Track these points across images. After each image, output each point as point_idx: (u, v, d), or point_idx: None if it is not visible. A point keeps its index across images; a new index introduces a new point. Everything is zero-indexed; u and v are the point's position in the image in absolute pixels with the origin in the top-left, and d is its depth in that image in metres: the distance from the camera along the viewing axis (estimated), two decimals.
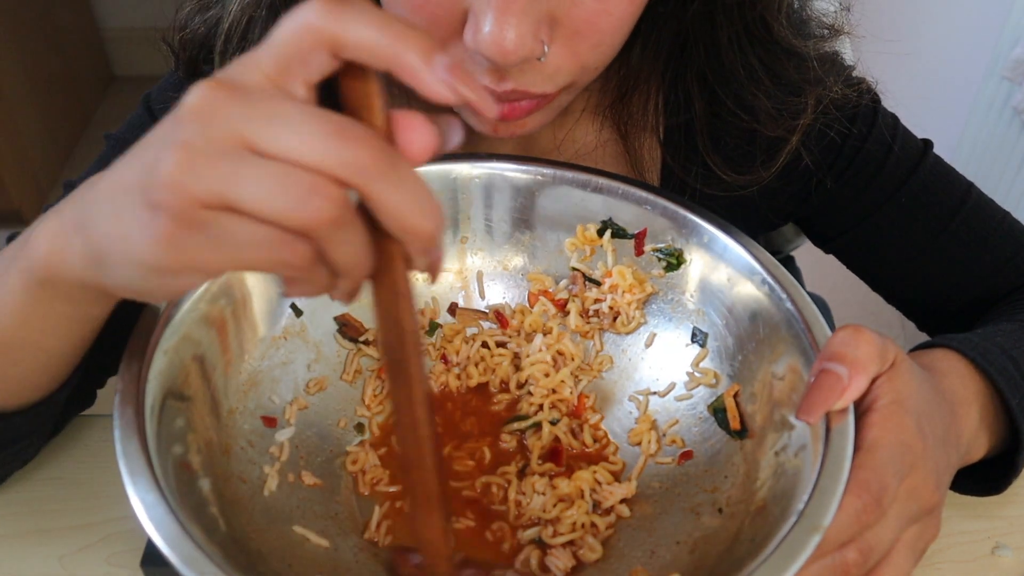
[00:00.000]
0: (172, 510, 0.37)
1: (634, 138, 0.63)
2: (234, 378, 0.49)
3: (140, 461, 0.39)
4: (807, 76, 0.58)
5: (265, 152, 0.30)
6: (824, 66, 0.59)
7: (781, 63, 0.57)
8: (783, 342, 0.47)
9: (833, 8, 0.61)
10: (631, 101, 0.62)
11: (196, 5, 0.60)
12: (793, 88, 0.58)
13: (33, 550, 0.54)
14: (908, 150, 0.65)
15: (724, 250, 0.51)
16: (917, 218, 0.65)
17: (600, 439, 0.52)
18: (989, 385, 0.52)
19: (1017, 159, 1.53)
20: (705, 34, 0.56)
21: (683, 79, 0.59)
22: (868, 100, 0.64)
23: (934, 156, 0.66)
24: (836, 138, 0.62)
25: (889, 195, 0.64)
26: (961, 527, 0.56)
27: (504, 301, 0.57)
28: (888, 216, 0.65)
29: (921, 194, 0.65)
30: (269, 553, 0.43)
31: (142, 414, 0.40)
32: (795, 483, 0.41)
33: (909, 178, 0.64)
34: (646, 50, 0.58)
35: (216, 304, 0.48)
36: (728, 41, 0.55)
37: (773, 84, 0.57)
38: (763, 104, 0.58)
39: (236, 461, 0.46)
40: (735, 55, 0.56)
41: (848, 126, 0.63)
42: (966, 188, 0.66)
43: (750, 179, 0.61)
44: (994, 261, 0.65)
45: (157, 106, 0.65)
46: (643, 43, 0.58)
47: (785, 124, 0.59)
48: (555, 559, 0.46)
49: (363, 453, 0.51)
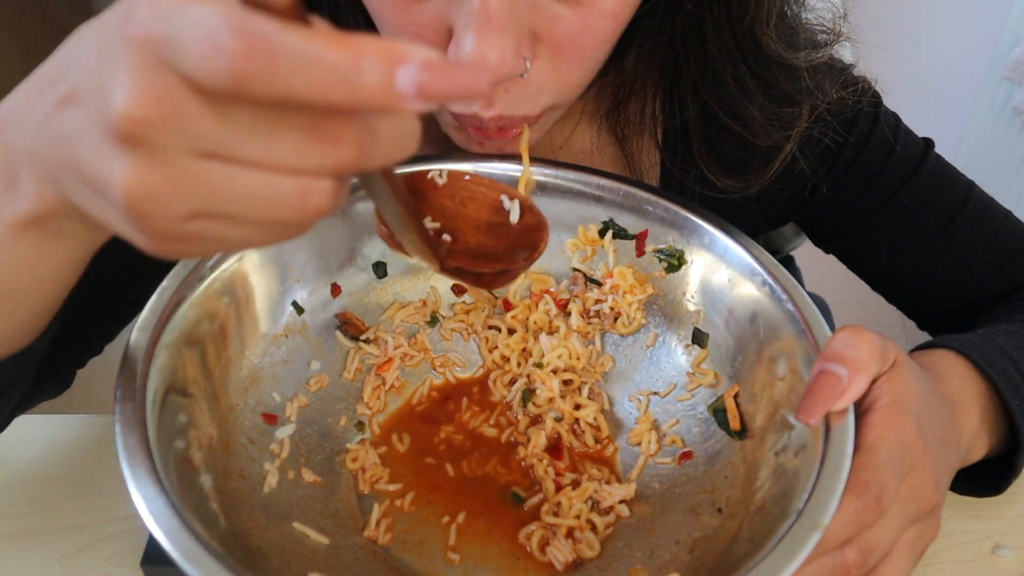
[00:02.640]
0: (173, 504, 0.37)
1: (632, 142, 0.63)
2: (235, 374, 0.49)
3: (140, 456, 0.38)
4: (799, 87, 0.58)
5: (242, 163, 0.27)
6: (817, 76, 0.59)
7: (772, 75, 0.57)
8: (783, 343, 0.47)
9: (830, 15, 0.61)
10: (628, 107, 0.62)
11: None
12: (785, 99, 0.58)
13: (33, 550, 0.54)
14: (910, 150, 0.65)
15: (725, 251, 0.51)
16: (918, 218, 0.65)
17: (602, 440, 0.52)
18: (989, 386, 0.52)
19: (1017, 159, 1.53)
20: (694, 46, 0.55)
21: (678, 85, 0.59)
22: (869, 100, 0.64)
23: (935, 155, 0.66)
24: (831, 145, 0.62)
25: (891, 195, 0.64)
26: (961, 527, 0.56)
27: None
28: (890, 216, 0.65)
29: (923, 194, 0.64)
30: (268, 549, 0.43)
31: (143, 409, 0.40)
32: (795, 483, 0.41)
33: (911, 178, 0.64)
34: (640, 58, 0.58)
35: (219, 301, 0.48)
36: (718, 52, 0.55)
37: (764, 96, 0.57)
38: (755, 115, 0.58)
39: (236, 457, 0.46)
40: (725, 67, 0.56)
41: (845, 132, 0.62)
42: (967, 187, 0.66)
43: (746, 185, 0.61)
44: (995, 260, 0.65)
45: None
46: (637, 51, 0.58)
47: (778, 134, 0.59)
48: (556, 550, 0.47)
49: (363, 451, 0.51)
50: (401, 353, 0.55)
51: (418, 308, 0.56)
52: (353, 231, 0.54)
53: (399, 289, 0.56)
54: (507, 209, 0.48)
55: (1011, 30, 1.49)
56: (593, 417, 0.53)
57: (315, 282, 0.53)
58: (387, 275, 0.56)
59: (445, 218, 0.48)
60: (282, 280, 0.52)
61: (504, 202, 0.49)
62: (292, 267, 0.52)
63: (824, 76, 0.59)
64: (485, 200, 0.49)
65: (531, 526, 0.48)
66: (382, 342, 0.55)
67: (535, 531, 0.48)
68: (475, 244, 0.47)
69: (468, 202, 0.49)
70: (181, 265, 0.47)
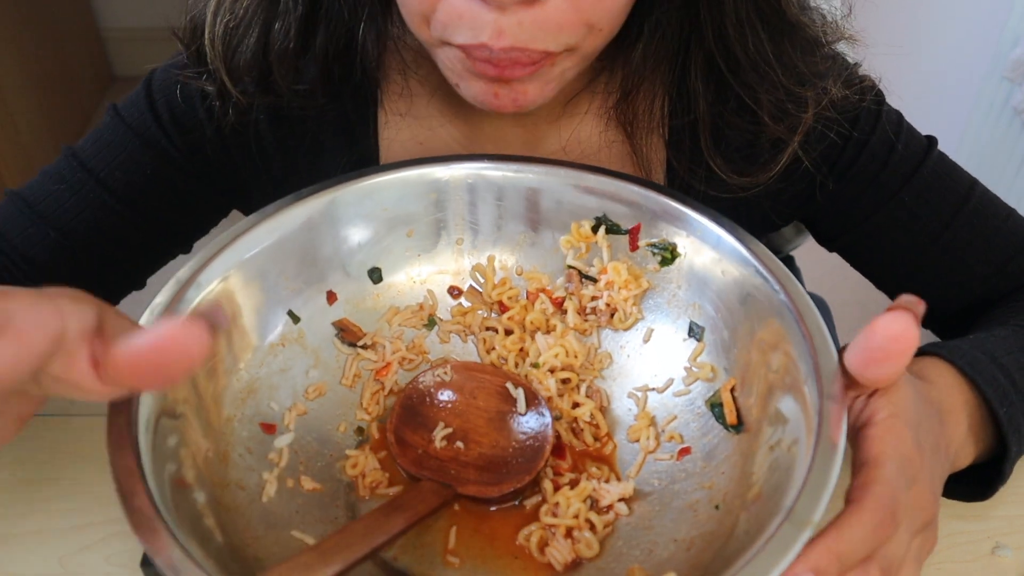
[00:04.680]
0: (169, 528, 0.37)
1: (639, 138, 0.63)
2: (230, 387, 0.49)
3: (136, 483, 0.39)
4: (814, 67, 0.57)
5: None
6: (827, 62, 0.59)
7: (790, 41, 0.56)
8: (777, 334, 0.47)
9: (831, 17, 0.61)
10: (636, 100, 0.62)
11: None
12: (799, 78, 0.58)
13: (33, 550, 0.54)
14: (912, 147, 0.65)
15: (718, 242, 0.51)
16: (921, 216, 0.65)
17: (601, 438, 0.52)
18: (977, 395, 0.52)
19: (1017, 159, 1.53)
20: (715, 13, 0.54)
21: (688, 77, 0.59)
22: (872, 98, 0.63)
23: (938, 153, 0.66)
24: (837, 140, 0.62)
25: (893, 193, 0.64)
26: (961, 527, 0.56)
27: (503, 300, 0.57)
28: (892, 214, 0.65)
29: (925, 191, 0.64)
30: (266, 559, 0.43)
31: (135, 430, 0.40)
32: (788, 477, 0.41)
33: (913, 176, 0.64)
34: (649, 48, 0.58)
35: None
36: (737, 20, 0.54)
37: (781, 68, 0.57)
38: (768, 96, 0.57)
39: (235, 468, 0.47)
40: (745, 33, 0.55)
41: (849, 128, 0.62)
42: (970, 185, 0.66)
43: (752, 180, 0.61)
44: (997, 259, 0.65)
45: (157, 85, 0.65)
46: (646, 42, 0.58)
47: (787, 122, 0.58)
48: (555, 551, 0.47)
49: (362, 457, 0.51)
50: (399, 357, 0.55)
51: (415, 312, 0.56)
52: (345, 238, 0.54)
53: (395, 294, 0.56)
54: (513, 396, 0.52)
55: (1011, 30, 1.49)
56: (590, 415, 0.53)
57: (310, 290, 0.54)
58: (383, 280, 0.56)
59: (456, 415, 0.52)
60: (274, 291, 0.52)
61: (509, 389, 0.53)
62: (286, 276, 0.52)
63: (832, 65, 0.59)
64: (492, 388, 0.53)
65: (530, 527, 0.48)
66: (380, 347, 0.55)
67: (534, 532, 0.48)
68: (488, 444, 0.51)
69: (478, 393, 0.53)
70: (174, 281, 0.47)
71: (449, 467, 0.49)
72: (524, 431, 0.51)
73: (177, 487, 0.41)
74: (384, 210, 0.55)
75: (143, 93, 0.65)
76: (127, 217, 0.65)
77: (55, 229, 0.64)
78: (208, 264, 0.48)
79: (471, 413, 0.52)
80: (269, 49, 0.57)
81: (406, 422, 0.51)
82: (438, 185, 0.55)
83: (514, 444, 0.51)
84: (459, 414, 0.52)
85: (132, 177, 0.64)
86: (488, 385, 0.53)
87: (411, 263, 0.57)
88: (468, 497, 0.49)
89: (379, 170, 0.55)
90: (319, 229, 0.53)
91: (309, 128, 0.64)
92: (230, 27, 0.57)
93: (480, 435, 0.51)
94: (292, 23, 0.56)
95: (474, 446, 0.51)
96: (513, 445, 0.51)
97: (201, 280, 0.48)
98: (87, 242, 0.64)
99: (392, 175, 0.54)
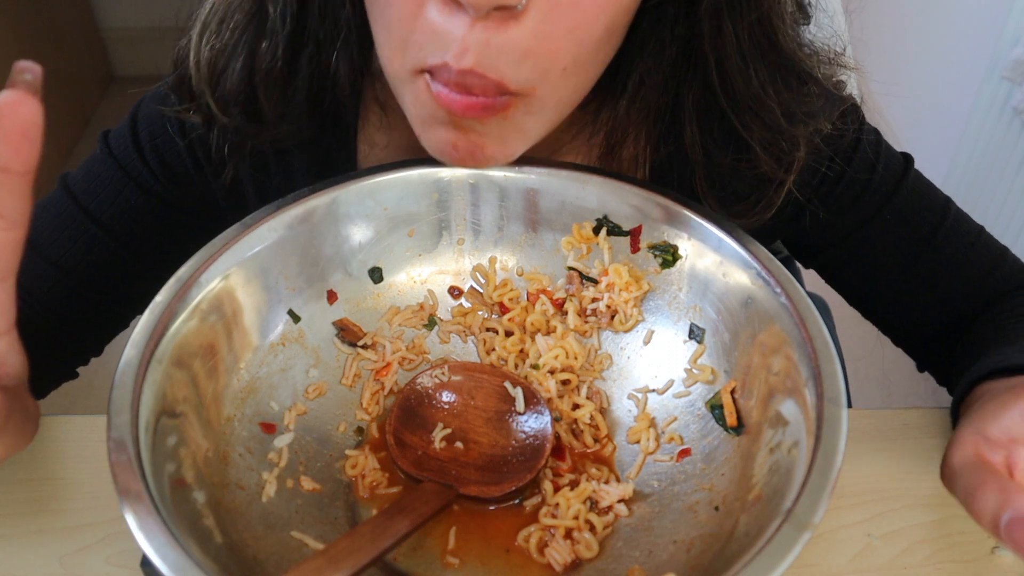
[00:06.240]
0: (168, 528, 0.37)
1: None
2: (231, 386, 0.49)
3: (135, 482, 0.39)
4: (807, 106, 0.57)
5: None
6: (820, 100, 0.58)
7: (782, 77, 0.55)
8: (778, 337, 0.47)
9: (828, 45, 0.60)
10: (620, 153, 0.61)
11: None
12: (791, 117, 0.57)
13: (33, 550, 0.54)
14: (891, 168, 0.65)
15: (719, 245, 0.51)
16: (901, 234, 0.65)
17: (601, 439, 0.53)
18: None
19: (1017, 159, 1.53)
20: (718, 47, 0.53)
21: (677, 124, 0.58)
22: (854, 127, 0.63)
23: (915, 172, 0.66)
24: (815, 165, 0.62)
25: (873, 213, 0.64)
26: (961, 527, 0.56)
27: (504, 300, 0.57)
28: (872, 234, 0.65)
29: (904, 211, 0.65)
30: (266, 559, 0.43)
31: (135, 430, 0.40)
32: (788, 480, 0.41)
33: (893, 195, 0.64)
34: (634, 102, 0.57)
35: (206, 321, 0.48)
36: (740, 54, 0.53)
37: (777, 106, 0.56)
38: (762, 135, 0.56)
39: (234, 468, 0.47)
40: (748, 68, 0.54)
41: (832, 153, 0.62)
42: (945, 203, 0.66)
43: (747, 223, 0.59)
44: (975, 276, 0.65)
45: (142, 115, 0.65)
46: (631, 96, 0.56)
47: (783, 161, 0.57)
48: (555, 552, 0.47)
49: (362, 456, 0.51)
50: (399, 357, 0.55)
51: (415, 312, 0.56)
52: (346, 238, 0.54)
53: (396, 294, 0.56)
54: (512, 395, 0.52)
55: (1011, 30, 1.49)
56: (590, 416, 0.53)
57: (311, 290, 0.54)
58: (383, 280, 0.56)
59: (455, 415, 0.52)
60: (275, 291, 0.52)
61: (508, 389, 0.53)
62: (286, 276, 0.52)
63: (823, 105, 0.58)
64: (490, 387, 0.53)
65: (529, 528, 0.48)
66: (380, 347, 0.55)
67: (533, 533, 0.48)
68: (488, 444, 0.51)
69: (476, 393, 0.53)
70: (174, 280, 0.47)
71: (450, 468, 0.49)
72: (524, 430, 0.51)
73: (177, 487, 0.41)
74: (385, 210, 0.55)
75: (128, 125, 0.65)
76: (115, 249, 0.64)
77: (50, 263, 0.63)
78: (209, 263, 0.48)
79: (469, 413, 0.52)
80: (255, 71, 0.56)
81: (405, 424, 0.51)
82: (440, 185, 0.55)
83: (514, 443, 0.51)
84: (457, 414, 0.52)
85: (118, 209, 0.64)
86: (486, 385, 0.53)
87: (412, 263, 0.57)
88: (468, 497, 0.49)
89: (381, 169, 0.55)
90: (320, 228, 0.53)
91: (285, 160, 0.63)
92: (215, 49, 0.56)
93: (479, 435, 0.51)
94: (279, 43, 0.55)
95: (474, 446, 0.51)
96: (513, 444, 0.51)
97: (202, 279, 0.48)
98: (84, 277, 0.64)
99: (394, 175, 0.54)
